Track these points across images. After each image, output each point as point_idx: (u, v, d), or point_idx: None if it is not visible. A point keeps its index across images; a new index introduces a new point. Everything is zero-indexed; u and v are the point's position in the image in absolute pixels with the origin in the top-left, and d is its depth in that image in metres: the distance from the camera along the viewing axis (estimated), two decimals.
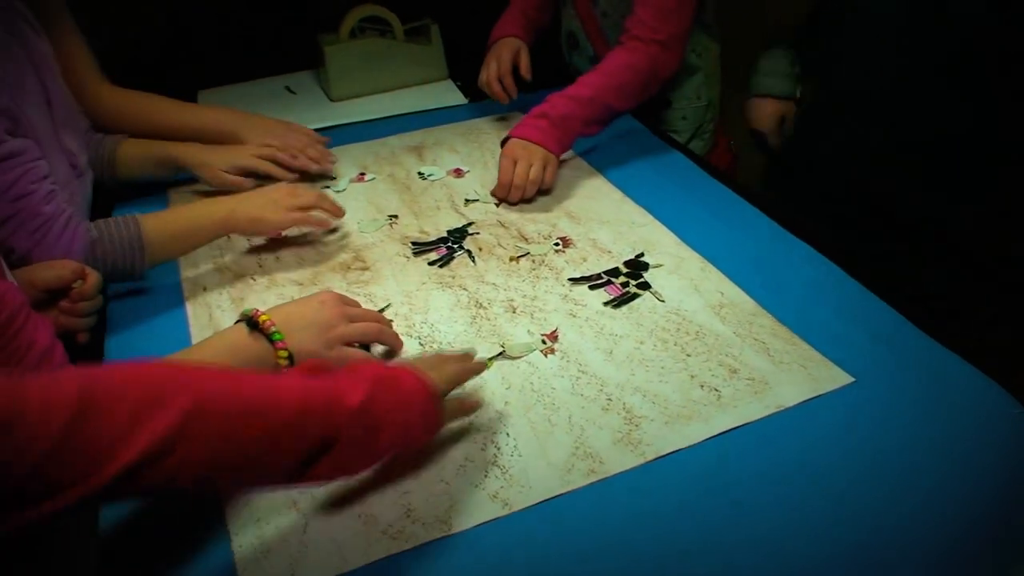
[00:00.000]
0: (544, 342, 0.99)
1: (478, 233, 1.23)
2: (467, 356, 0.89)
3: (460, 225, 1.26)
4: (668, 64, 1.43)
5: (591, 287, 1.10)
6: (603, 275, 1.12)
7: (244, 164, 1.34)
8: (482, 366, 0.90)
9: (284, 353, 0.86)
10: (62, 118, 1.17)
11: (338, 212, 1.21)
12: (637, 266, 1.14)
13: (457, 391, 0.85)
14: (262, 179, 1.35)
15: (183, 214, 1.14)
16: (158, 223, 1.10)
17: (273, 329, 0.86)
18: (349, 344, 0.92)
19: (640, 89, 1.41)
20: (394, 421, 0.73)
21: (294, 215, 1.16)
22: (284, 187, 1.20)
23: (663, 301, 1.06)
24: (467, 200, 1.33)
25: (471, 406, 0.87)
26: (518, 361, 0.97)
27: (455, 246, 1.20)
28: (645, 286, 1.10)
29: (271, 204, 1.15)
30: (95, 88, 1.35)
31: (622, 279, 1.11)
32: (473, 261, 1.16)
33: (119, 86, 1.39)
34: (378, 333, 0.96)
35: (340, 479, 0.75)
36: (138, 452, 0.58)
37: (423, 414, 0.77)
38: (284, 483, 0.71)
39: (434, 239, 1.22)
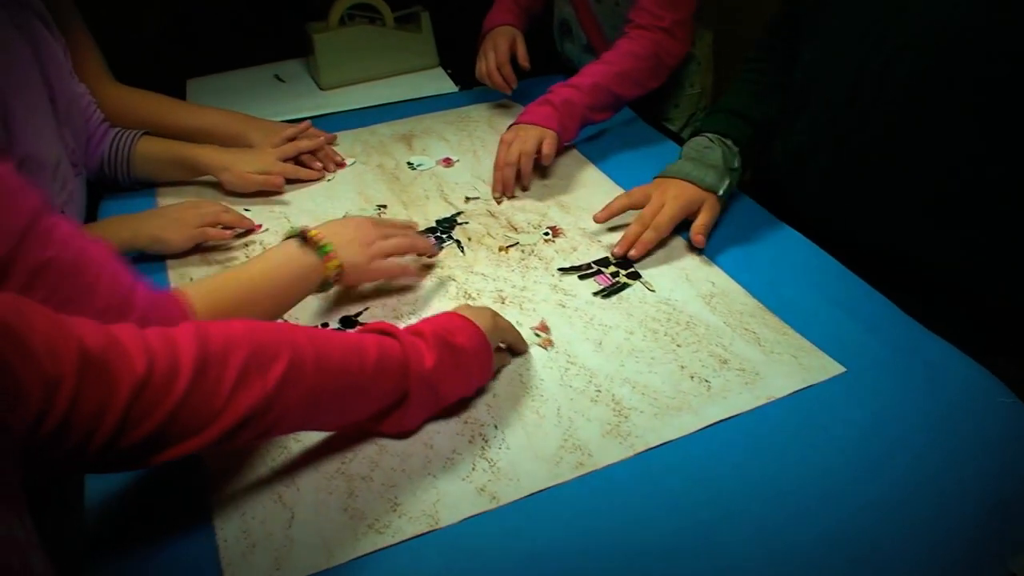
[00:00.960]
0: (537, 335, 0.98)
1: (467, 223, 1.22)
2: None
3: (449, 215, 1.25)
4: (673, 51, 1.42)
5: (581, 277, 1.09)
6: (593, 265, 1.12)
7: (270, 169, 1.33)
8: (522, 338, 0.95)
9: (335, 262, 0.95)
10: (64, 116, 1.17)
11: (242, 223, 1.21)
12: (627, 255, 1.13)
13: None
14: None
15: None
16: None
17: (324, 242, 0.94)
18: (387, 255, 1.02)
19: (646, 76, 1.41)
20: (457, 377, 0.83)
21: (194, 232, 1.15)
22: (188, 204, 1.20)
23: (653, 291, 1.06)
24: (468, 197, 1.30)
25: (517, 350, 0.94)
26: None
27: (443, 236, 1.19)
28: (635, 276, 1.09)
29: (173, 223, 1.15)
30: (104, 87, 1.35)
31: (612, 269, 1.11)
32: (462, 251, 1.15)
33: (114, 77, 1.39)
34: (410, 245, 1.06)
35: (405, 429, 0.84)
36: (245, 408, 0.66)
37: (480, 365, 0.85)
38: (359, 427, 0.83)
39: (422, 230, 1.20)
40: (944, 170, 1.01)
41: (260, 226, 1.24)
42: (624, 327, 0.99)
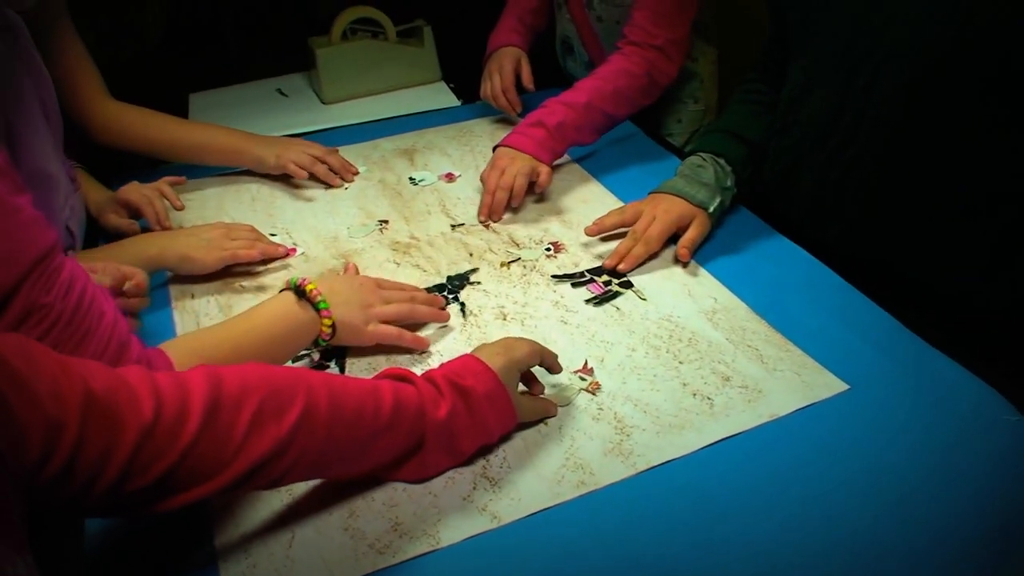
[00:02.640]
0: (583, 379, 0.95)
1: (479, 282, 1.13)
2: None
3: (462, 271, 1.15)
4: (666, 70, 1.41)
5: (573, 285, 1.10)
6: (586, 273, 1.12)
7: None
8: (551, 354, 0.90)
9: (328, 321, 0.92)
10: (58, 132, 1.16)
11: (275, 253, 1.19)
12: None
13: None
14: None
15: (114, 253, 1.09)
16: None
17: (320, 298, 0.91)
18: (386, 320, 0.98)
19: (638, 95, 1.40)
20: (472, 423, 0.80)
21: (224, 254, 1.13)
22: (220, 226, 1.18)
23: (645, 299, 1.06)
24: (453, 226, 1.27)
25: (550, 410, 0.89)
26: None
27: (450, 297, 1.10)
28: (627, 284, 1.09)
29: (204, 244, 1.13)
30: (100, 103, 1.33)
31: (605, 277, 1.11)
32: (464, 316, 1.06)
33: (112, 92, 1.38)
34: (410, 313, 1.00)
35: (424, 476, 0.81)
36: (258, 455, 0.65)
37: (495, 409, 0.81)
38: (373, 474, 0.80)
39: (431, 286, 1.12)
40: (930, 183, 1.01)
41: (294, 250, 1.22)
42: (626, 344, 0.98)
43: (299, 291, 0.92)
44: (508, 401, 0.82)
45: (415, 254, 1.19)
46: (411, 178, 1.41)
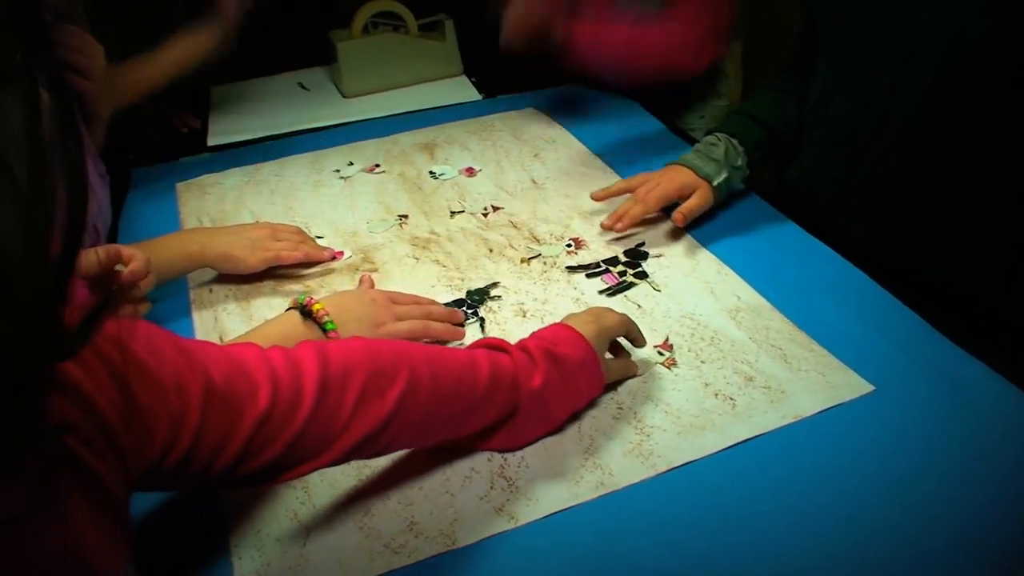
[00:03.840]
0: (661, 353, 0.95)
1: (500, 296, 1.08)
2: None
3: (483, 285, 1.10)
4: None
5: (588, 275, 1.10)
6: (601, 263, 1.12)
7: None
8: (635, 327, 0.92)
9: None
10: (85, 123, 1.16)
11: (320, 256, 1.15)
12: (636, 255, 1.13)
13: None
14: None
15: (155, 248, 1.04)
16: None
17: (327, 319, 0.89)
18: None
19: None
20: (566, 390, 0.81)
21: (268, 255, 1.10)
22: (265, 226, 1.15)
23: (659, 291, 1.06)
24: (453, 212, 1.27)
25: (632, 369, 0.92)
26: None
27: (469, 312, 1.05)
28: (643, 275, 1.09)
29: (248, 244, 1.10)
30: None
31: (619, 268, 1.11)
32: (483, 331, 1.02)
33: None
34: (424, 330, 0.97)
35: (516, 444, 0.82)
36: (363, 431, 0.66)
37: (587, 376, 0.83)
38: (467, 443, 0.82)
39: (451, 301, 1.07)
40: (954, 181, 1.01)
41: (341, 253, 1.19)
42: (648, 342, 0.97)
43: (305, 311, 0.89)
44: (598, 367, 0.84)
45: (435, 249, 1.18)
46: (431, 172, 1.40)
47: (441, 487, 0.80)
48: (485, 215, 1.26)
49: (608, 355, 0.90)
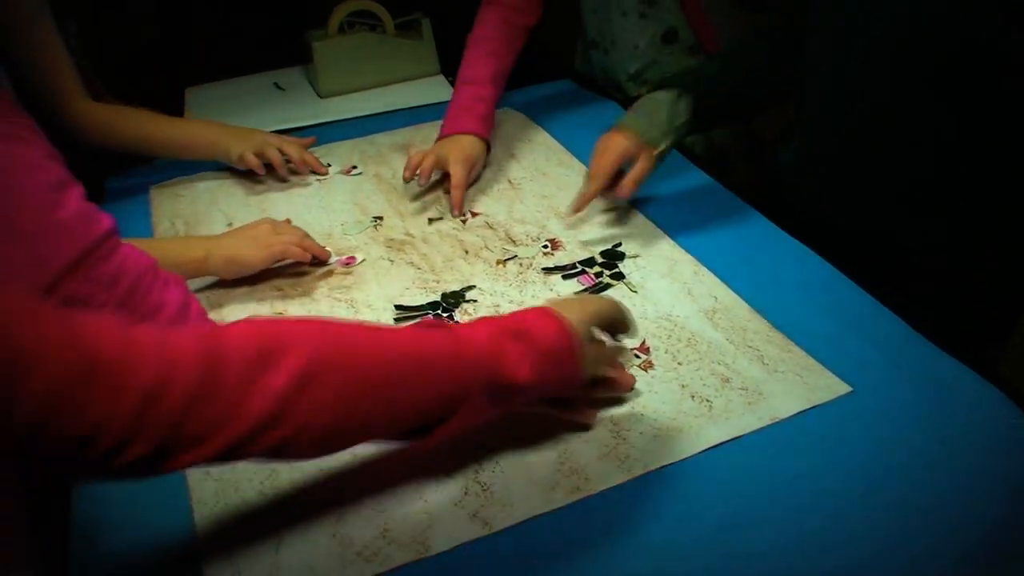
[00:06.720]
0: (637, 356, 0.95)
1: (475, 300, 1.06)
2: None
3: (459, 288, 1.09)
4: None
5: (564, 277, 1.09)
6: (578, 265, 1.11)
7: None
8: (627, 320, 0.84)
9: None
10: None
11: (322, 254, 1.15)
12: (612, 256, 1.13)
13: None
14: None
15: (157, 249, 0.98)
16: None
17: None
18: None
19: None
20: (536, 378, 0.72)
21: (274, 250, 1.10)
22: (265, 223, 1.14)
23: (636, 292, 1.05)
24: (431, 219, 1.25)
25: (625, 385, 0.87)
26: None
27: (444, 315, 1.04)
28: (619, 276, 1.08)
29: (250, 241, 1.10)
30: (80, 104, 1.29)
31: (596, 269, 1.10)
32: None
33: (105, 85, 1.36)
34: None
35: (471, 423, 0.73)
36: (252, 418, 0.58)
37: (561, 369, 0.75)
38: (402, 440, 0.73)
39: (423, 303, 1.06)
40: (921, 157, 1.04)
41: (353, 259, 1.17)
42: (624, 343, 0.96)
43: None
44: (577, 359, 0.75)
45: (410, 251, 1.17)
46: None
47: (414, 493, 0.79)
48: (464, 222, 1.25)
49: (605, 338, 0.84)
